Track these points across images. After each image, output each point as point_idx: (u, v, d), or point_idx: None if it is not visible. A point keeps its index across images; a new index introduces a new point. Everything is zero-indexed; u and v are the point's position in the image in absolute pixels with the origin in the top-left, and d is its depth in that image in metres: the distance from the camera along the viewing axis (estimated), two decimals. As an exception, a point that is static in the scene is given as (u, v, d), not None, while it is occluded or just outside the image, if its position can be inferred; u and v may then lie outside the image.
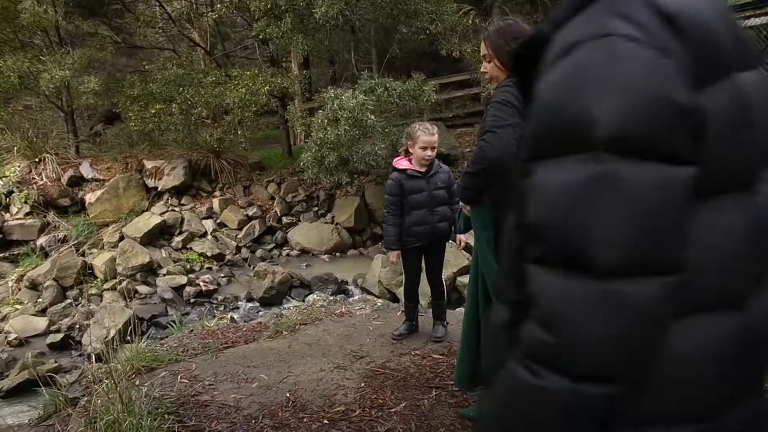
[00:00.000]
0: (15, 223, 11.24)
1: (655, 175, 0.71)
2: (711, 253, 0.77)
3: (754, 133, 0.79)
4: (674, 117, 0.71)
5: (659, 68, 0.71)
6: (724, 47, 0.78)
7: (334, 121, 9.76)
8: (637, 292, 0.71)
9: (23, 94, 14.18)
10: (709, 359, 0.79)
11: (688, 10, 0.76)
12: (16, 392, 6.55)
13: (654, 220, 0.71)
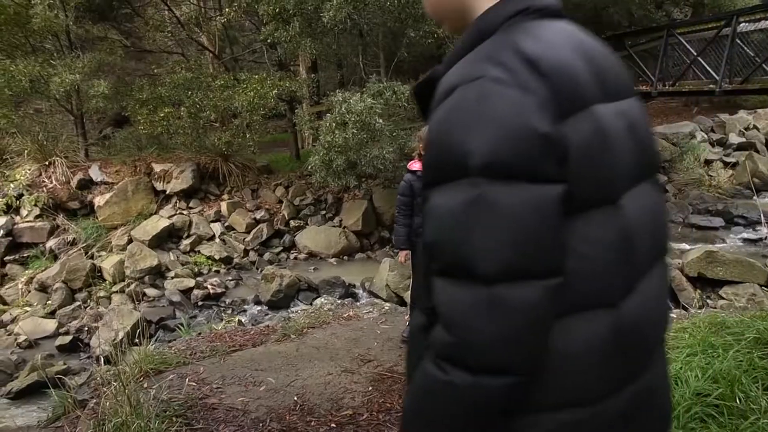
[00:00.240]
0: (25, 225, 11.30)
1: (525, 194, 0.83)
2: (584, 261, 0.89)
3: (614, 156, 0.92)
4: (537, 144, 0.83)
5: (522, 104, 0.84)
6: (583, 85, 0.91)
7: (342, 125, 9.77)
8: (518, 295, 0.83)
9: (34, 98, 14.28)
10: (588, 353, 0.91)
11: (549, 55, 0.89)
12: (25, 393, 6.58)
13: (528, 232, 0.83)
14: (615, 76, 1.01)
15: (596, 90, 0.93)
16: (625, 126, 0.97)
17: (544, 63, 0.88)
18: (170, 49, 16.11)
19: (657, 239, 1.05)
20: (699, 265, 7.69)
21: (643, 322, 0.97)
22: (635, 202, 0.97)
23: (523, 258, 0.83)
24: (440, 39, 11.84)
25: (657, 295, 1.03)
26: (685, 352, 3.31)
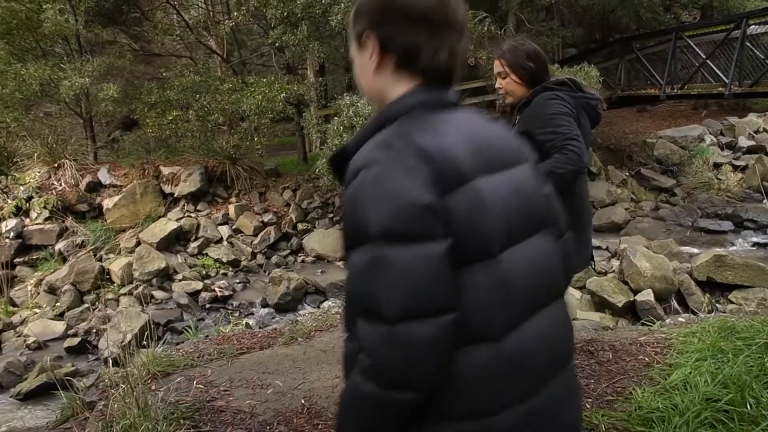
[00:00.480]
0: (34, 228, 11.36)
1: (415, 252, 1.04)
2: (470, 304, 1.10)
3: (491, 221, 1.13)
4: (420, 213, 1.05)
5: (407, 184, 1.06)
6: (463, 165, 1.12)
7: (349, 128, 9.78)
8: (415, 331, 1.04)
9: (44, 102, 14.36)
10: (476, 377, 1.12)
11: (434, 143, 1.11)
12: (34, 395, 6.61)
13: (419, 281, 1.04)
14: (501, 150, 1.24)
15: (478, 166, 1.14)
16: (511, 191, 1.20)
17: (430, 150, 1.10)
18: (179, 52, 16.20)
19: (548, 284, 1.26)
20: (708, 269, 7.64)
21: (529, 354, 1.18)
22: (520, 254, 1.18)
23: (417, 302, 1.04)
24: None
25: (548, 331, 1.24)
26: (694, 357, 3.30)
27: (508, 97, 2.85)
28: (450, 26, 1.22)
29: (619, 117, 17.39)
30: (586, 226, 2.85)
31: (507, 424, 1.15)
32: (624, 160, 14.70)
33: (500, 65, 2.78)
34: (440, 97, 1.23)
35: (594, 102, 2.76)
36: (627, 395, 3.11)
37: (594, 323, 5.08)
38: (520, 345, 1.16)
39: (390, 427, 1.12)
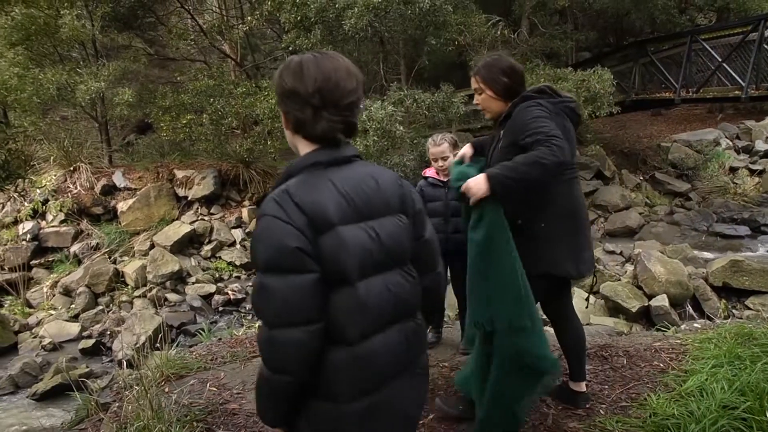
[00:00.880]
0: (50, 230, 11.48)
1: (287, 280, 1.47)
2: (336, 317, 1.53)
3: (350, 259, 1.51)
4: (292, 254, 1.47)
5: (284, 231, 1.47)
6: (331, 215, 1.51)
7: (362, 132, 9.80)
8: (286, 335, 1.48)
9: (60, 106, 14.53)
10: (335, 371, 1.55)
11: (308, 198, 1.51)
12: (49, 395, 6.67)
13: (289, 301, 1.47)
14: (371, 204, 1.60)
15: (344, 216, 1.53)
16: (370, 237, 1.57)
17: (304, 204, 1.50)
18: (193, 56, 16.31)
19: (398, 308, 1.65)
20: (724, 274, 7.56)
21: (376, 358, 1.59)
22: (375, 284, 1.58)
23: (287, 315, 1.48)
24: (461, 47, 11.85)
25: (394, 342, 1.64)
26: (710, 363, 3.26)
27: (486, 113, 2.85)
28: (333, 105, 1.59)
29: (633, 121, 17.28)
30: (582, 230, 2.80)
31: (355, 410, 1.58)
32: (638, 164, 14.60)
33: (476, 82, 2.79)
34: (332, 156, 1.62)
35: (573, 105, 2.78)
36: (642, 401, 3.08)
37: (608, 328, 5.04)
38: (370, 351, 1.58)
39: (281, 399, 1.59)
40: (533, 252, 2.61)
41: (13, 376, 7.23)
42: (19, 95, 11.58)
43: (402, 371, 1.67)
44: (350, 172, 1.62)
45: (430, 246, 1.79)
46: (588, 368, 3.50)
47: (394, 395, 1.65)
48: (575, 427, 2.91)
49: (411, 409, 1.75)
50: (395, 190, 1.69)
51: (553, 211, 2.67)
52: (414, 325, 1.72)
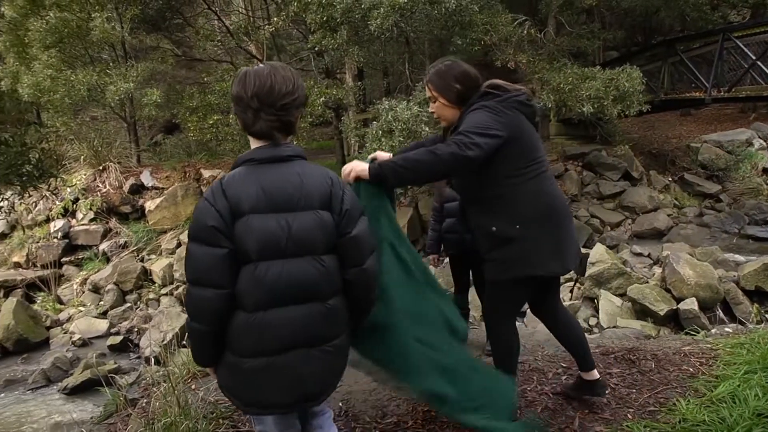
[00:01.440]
0: (80, 228, 11.71)
1: (205, 251, 1.81)
2: (239, 286, 1.84)
3: (255, 242, 1.83)
4: (209, 231, 1.80)
5: (208, 212, 1.81)
6: (245, 204, 1.82)
7: (388, 133, 9.79)
8: (199, 292, 1.84)
9: (91, 106, 14.81)
10: (237, 332, 1.87)
11: (232, 188, 1.84)
12: (79, 390, 6.81)
13: (203, 266, 1.82)
14: (284, 199, 1.86)
15: (256, 207, 1.83)
16: (282, 226, 1.84)
17: (228, 193, 1.83)
18: (219, 57, 16.47)
19: (302, 291, 1.89)
20: (756, 277, 7.40)
21: (272, 328, 1.86)
22: (274, 266, 1.84)
23: (201, 277, 1.84)
24: (487, 46, 11.76)
25: (294, 319, 1.88)
26: (742, 369, 3.19)
27: (441, 121, 2.80)
28: (269, 105, 1.88)
29: (661, 121, 17.01)
30: (561, 224, 2.67)
31: (251, 366, 1.89)
32: (667, 165, 14.36)
33: (429, 90, 2.75)
34: (267, 154, 1.91)
35: (522, 97, 2.65)
36: (670, 406, 3.02)
37: (635, 331, 4.97)
38: (264, 321, 1.85)
39: (202, 343, 1.94)
40: (515, 255, 2.58)
41: (46, 371, 7.40)
42: (52, 96, 11.84)
43: (303, 345, 1.91)
44: (279, 170, 1.90)
45: (356, 242, 1.97)
46: (615, 371, 3.45)
47: (291, 362, 1.90)
48: (602, 431, 2.87)
49: (309, 379, 1.95)
50: (321, 189, 1.92)
51: (523, 211, 2.57)
52: (322, 308, 1.93)
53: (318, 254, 1.90)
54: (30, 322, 8.70)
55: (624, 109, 10.66)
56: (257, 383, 1.91)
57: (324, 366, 1.98)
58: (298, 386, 1.94)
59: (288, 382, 1.92)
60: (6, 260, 11.48)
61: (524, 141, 2.57)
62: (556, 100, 11.22)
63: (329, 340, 1.97)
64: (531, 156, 2.58)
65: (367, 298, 2.09)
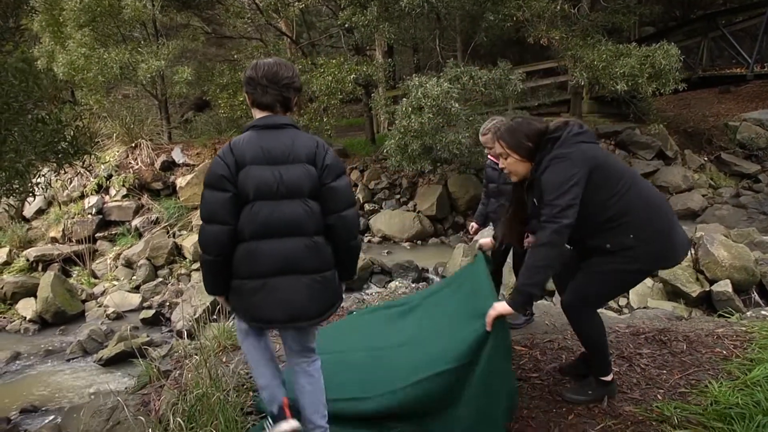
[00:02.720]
0: (113, 204, 11.94)
1: (216, 195, 2.31)
2: (241, 223, 2.33)
3: (253, 188, 2.30)
4: (219, 178, 2.30)
5: (218, 164, 2.32)
6: (246, 159, 2.31)
7: (418, 109, 9.72)
8: (209, 228, 2.32)
9: (123, 84, 14.99)
10: (238, 259, 2.36)
11: (238, 146, 2.35)
12: (114, 361, 7.00)
13: (213, 207, 2.30)
14: (275, 155, 2.34)
15: (254, 160, 2.31)
16: (275, 175, 2.31)
17: (235, 150, 2.33)
18: (249, 34, 16.49)
19: (291, 226, 2.34)
20: (797, 260, 7.19)
21: (263, 255, 2.33)
22: (266, 206, 2.31)
23: (211, 216, 2.30)
24: (519, 22, 11.55)
25: (283, 248, 2.34)
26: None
27: (513, 176, 2.90)
28: (274, 84, 2.38)
29: (698, 99, 16.56)
30: (665, 215, 2.76)
31: (251, 287, 2.36)
32: (703, 144, 14.00)
33: (500, 147, 2.85)
34: (267, 122, 2.41)
35: (576, 128, 2.73)
36: (702, 388, 2.98)
37: (667, 312, 4.89)
38: (257, 248, 2.33)
39: (211, 273, 2.41)
40: (636, 256, 2.67)
41: (82, 342, 7.60)
42: (86, 74, 12.00)
43: (292, 272, 2.36)
44: (275, 134, 2.39)
45: (334, 192, 2.40)
46: (645, 352, 3.42)
47: (282, 285, 2.35)
48: (631, 411, 2.84)
49: (297, 303, 2.37)
50: (308, 149, 2.39)
51: (631, 221, 2.66)
52: (308, 241, 2.37)
53: (305, 197, 2.36)
54: (67, 295, 8.93)
55: (659, 87, 10.39)
56: (257, 301, 2.37)
57: (311, 293, 2.39)
58: (288, 307, 2.37)
59: (279, 302, 2.36)
60: (43, 235, 11.78)
61: (603, 165, 2.66)
62: (590, 77, 10.99)
63: (316, 272, 2.40)
64: (617, 174, 2.67)
65: (347, 242, 2.47)
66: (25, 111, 5.52)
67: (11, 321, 8.80)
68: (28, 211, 12.39)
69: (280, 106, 2.42)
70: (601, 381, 2.93)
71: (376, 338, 3.44)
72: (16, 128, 5.37)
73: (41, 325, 8.58)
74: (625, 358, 3.37)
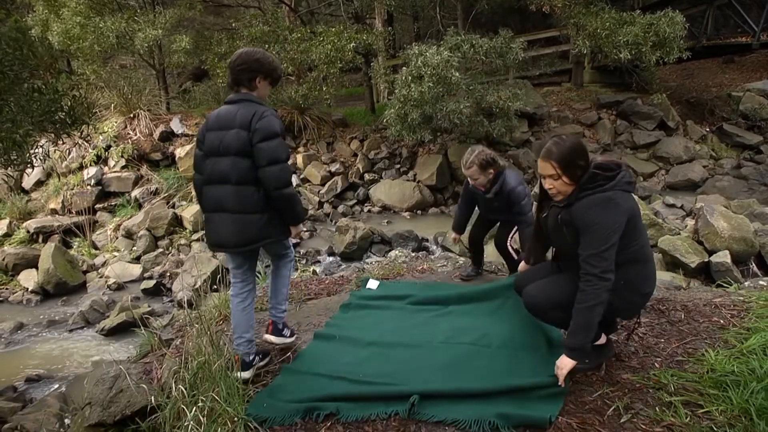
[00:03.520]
0: (112, 175, 11.90)
1: (196, 152, 3.20)
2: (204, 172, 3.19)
3: (206, 146, 3.13)
4: (199, 140, 3.25)
5: (200, 130, 3.25)
6: (208, 126, 3.14)
7: (418, 78, 9.62)
8: (195, 176, 3.22)
9: (120, 54, 14.81)
10: (200, 197, 3.24)
11: (208, 117, 3.22)
12: (116, 331, 7.05)
13: (195, 161, 3.22)
14: (224, 121, 3.04)
15: (212, 126, 3.10)
16: (219, 137, 3.03)
17: (207, 119, 3.19)
18: (247, 3, 16.27)
19: (221, 176, 3.02)
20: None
21: (208, 196, 3.12)
22: (211, 161, 3.07)
23: (195, 168, 3.21)
24: (520, -11, 11.36)
25: (216, 192, 3.06)
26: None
27: (557, 196, 2.80)
28: (230, 68, 3.12)
29: (702, 69, 16.39)
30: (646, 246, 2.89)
31: (204, 218, 3.17)
32: (705, 114, 13.90)
33: (552, 168, 2.72)
34: (229, 98, 3.11)
35: (627, 176, 2.73)
36: (699, 356, 3.01)
37: (666, 282, 4.91)
38: (206, 191, 3.11)
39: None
40: (614, 299, 2.70)
41: (84, 313, 7.65)
42: (81, 44, 11.85)
43: (222, 211, 3.05)
44: (229, 107, 3.07)
45: (258, 151, 2.94)
46: (643, 321, 3.44)
47: (213, 220, 3.10)
48: (628, 378, 2.88)
49: (222, 235, 3.08)
50: (244, 118, 2.97)
51: (628, 274, 2.73)
52: (233, 189, 3.00)
53: (232, 155, 2.98)
54: (68, 266, 8.96)
55: (663, 56, 10.27)
56: (206, 230, 3.18)
57: (233, 229, 3.03)
58: (216, 236, 3.11)
59: (212, 232, 3.13)
60: (43, 207, 11.76)
61: (634, 218, 2.68)
62: (592, 46, 10.87)
63: (239, 213, 3.02)
64: (638, 231, 2.72)
65: (272, 192, 2.99)
66: (21, 80, 5.48)
67: (13, 292, 8.85)
68: (27, 183, 12.36)
69: (235, 85, 3.11)
70: (595, 346, 2.96)
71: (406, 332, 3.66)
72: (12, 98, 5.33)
73: (43, 296, 8.63)
74: (624, 327, 3.40)
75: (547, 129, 12.50)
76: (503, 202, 4.03)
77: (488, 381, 2.92)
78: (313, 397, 2.90)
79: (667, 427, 2.49)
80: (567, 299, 2.74)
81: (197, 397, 2.82)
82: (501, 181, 4.01)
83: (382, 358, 3.27)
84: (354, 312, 4.04)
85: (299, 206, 3.13)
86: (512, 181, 4.01)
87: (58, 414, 5.05)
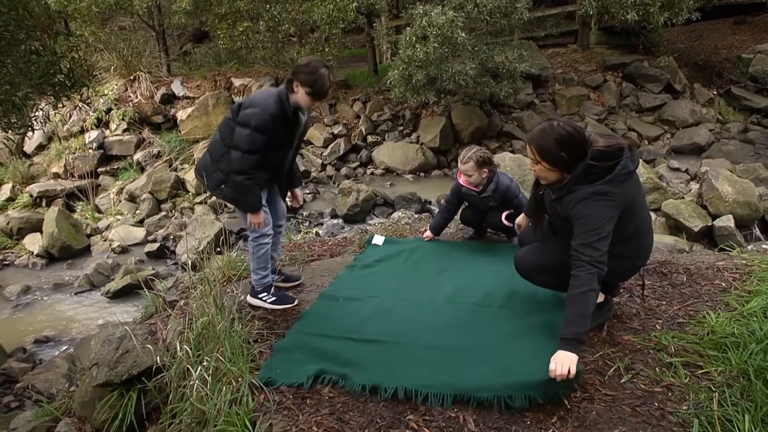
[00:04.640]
0: (114, 139, 11.85)
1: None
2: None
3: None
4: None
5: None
6: None
7: (422, 39, 9.48)
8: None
9: (119, 15, 14.58)
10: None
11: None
12: (121, 294, 7.13)
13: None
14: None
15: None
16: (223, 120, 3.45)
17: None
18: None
19: (212, 143, 3.52)
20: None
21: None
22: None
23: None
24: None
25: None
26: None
27: (542, 180, 2.79)
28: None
29: (711, 30, 16.08)
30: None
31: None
32: (713, 77, 13.70)
33: (531, 151, 2.69)
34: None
35: (627, 167, 2.60)
36: (700, 319, 3.03)
37: (668, 245, 4.91)
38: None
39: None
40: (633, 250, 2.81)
41: (89, 276, 7.72)
42: (79, 4, 11.65)
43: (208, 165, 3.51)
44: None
45: (233, 130, 3.25)
46: (646, 283, 3.44)
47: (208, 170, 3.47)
48: (629, 339, 2.90)
49: (199, 164, 3.53)
50: (235, 106, 3.32)
51: (619, 250, 2.72)
52: (215, 154, 3.40)
53: (220, 130, 3.39)
54: (72, 230, 9.00)
55: (672, 17, 10.08)
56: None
57: (208, 177, 3.42)
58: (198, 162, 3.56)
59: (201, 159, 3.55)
60: (45, 171, 11.75)
61: (631, 204, 2.65)
62: (599, 6, 10.66)
63: (209, 153, 3.45)
64: (634, 215, 2.69)
65: (229, 171, 3.29)
66: (18, 42, 5.41)
67: (19, 256, 8.91)
68: (28, 147, 12.32)
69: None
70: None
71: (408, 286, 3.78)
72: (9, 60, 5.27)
73: (48, 259, 8.69)
74: (626, 289, 3.41)
75: (552, 91, 12.36)
76: (499, 199, 4.24)
77: (492, 343, 2.95)
78: (320, 358, 2.91)
79: (666, 387, 2.52)
80: (554, 263, 2.83)
81: (202, 356, 2.86)
82: (495, 180, 4.22)
83: (386, 317, 3.31)
84: (359, 271, 4.07)
85: (249, 197, 3.31)
86: (505, 180, 4.27)
87: (67, 374, 5.15)
